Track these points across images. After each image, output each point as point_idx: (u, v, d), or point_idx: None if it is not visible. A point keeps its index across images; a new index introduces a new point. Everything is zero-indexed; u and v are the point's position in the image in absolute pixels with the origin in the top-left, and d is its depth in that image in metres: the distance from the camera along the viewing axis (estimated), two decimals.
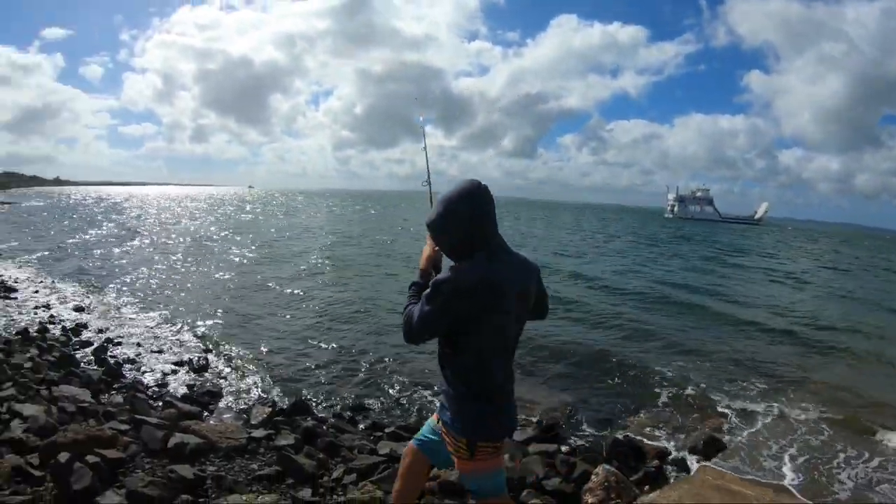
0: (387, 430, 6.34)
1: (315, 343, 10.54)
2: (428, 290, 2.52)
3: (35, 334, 9.52)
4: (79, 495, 3.80)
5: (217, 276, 18.64)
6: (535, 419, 7.02)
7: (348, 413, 7.22)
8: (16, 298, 12.87)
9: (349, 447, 5.59)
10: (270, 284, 17.06)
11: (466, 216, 2.50)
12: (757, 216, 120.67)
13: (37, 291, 14.01)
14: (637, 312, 14.40)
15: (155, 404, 6.78)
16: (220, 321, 11.94)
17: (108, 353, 9.05)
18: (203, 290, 15.73)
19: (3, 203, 63.61)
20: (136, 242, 28.95)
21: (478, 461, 2.70)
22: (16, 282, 15.07)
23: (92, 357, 8.73)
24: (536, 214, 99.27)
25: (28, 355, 7.93)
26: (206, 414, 6.77)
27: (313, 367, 9.19)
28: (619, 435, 6.59)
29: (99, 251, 24.32)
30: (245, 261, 22.57)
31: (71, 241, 28.02)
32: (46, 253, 22.49)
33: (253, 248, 27.32)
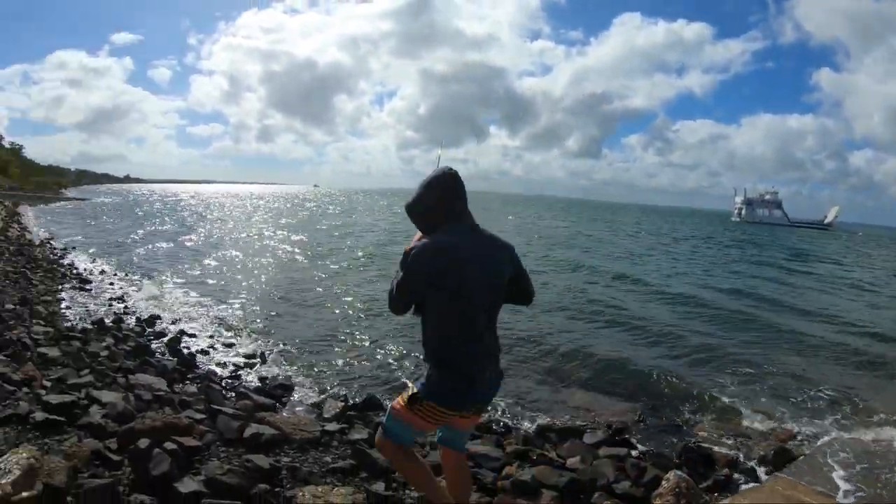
0: None
1: (382, 339, 10.55)
2: (401, 259, 2.90)
3: (110, 324, 9.89)
4: (157, 481, 3.85)
5: (282, 271, 19.13)
6: (602, 422, 7.07)
7: None
8: (90, 290, 13.48)
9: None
10: (333, 280, 17.34)
11: (433, 199, 2.92)
12: (826, 221, 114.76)
13: (111, 283, 14.65)
14: (697, 321, 13.82)
15: (228, 395, 6.94)
16: (289, 315, 12.18)
17: (182, 345, 9.28)
18: (270, 285, 16.14)
19: (76, 199, 66.64)
20: (202, 237, 30.22)
21: (412, 414, 3.00)
22: (90, 274, 15.88)
23: (166, 348, 8.99)
24: (599, 216, 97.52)
25: (104, 344, 8.21)
26: (279, 406, 6.86)
27: (381, 362, 9.21)
28: (689, 441, 6.56)
29: (167, 245, 25.41)
30: (307, 257, 23.05)
31: (140, 234, 29.57)
32: (117, 246, 23.72)
33: (315, 244, 27.98)
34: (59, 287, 13.27)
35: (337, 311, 12.89)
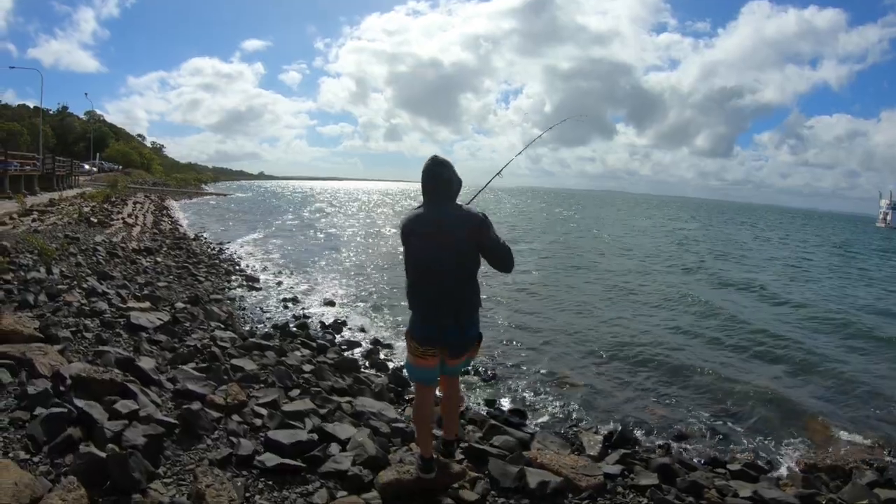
0: (730, 467, 5.84)
1: (611, 357, 9.65)
2: None
3: (295, 329, 9.22)
4: None
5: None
6: (850, 457, 6.61)
7: (682, 445, 6.60)
8: (261, 289, 13.17)
9: (706, 486, 5.05)
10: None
11: (421, 181, 3.82)
12: None
13: (279, 282, 14.37)
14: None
15: (467, 426, 5.87)
16: (491, 324, 11.04)
17: (381, 356, 8.52)
18: None
19: (217, 194, 70.96)
20: (352, 234, 30.85)
21: (408, 352, 3.95)
22: (254, 270, 15.82)
23: (366, 361, 8.18)
24: (742, 218, 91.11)
25: (300, 355, 7.49)
26: (530, 439, 5.80)
27: (620, 384, 8.45)
28: None
29: (319, 240, 26.33)
30: None
31: (288, 228, 31.20)
32: (270, 240, 24.41)
33: None
34: (227, 285, 13.06)
35: (529, 318, 11.97)
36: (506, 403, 7.31)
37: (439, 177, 3.74)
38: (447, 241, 3.66)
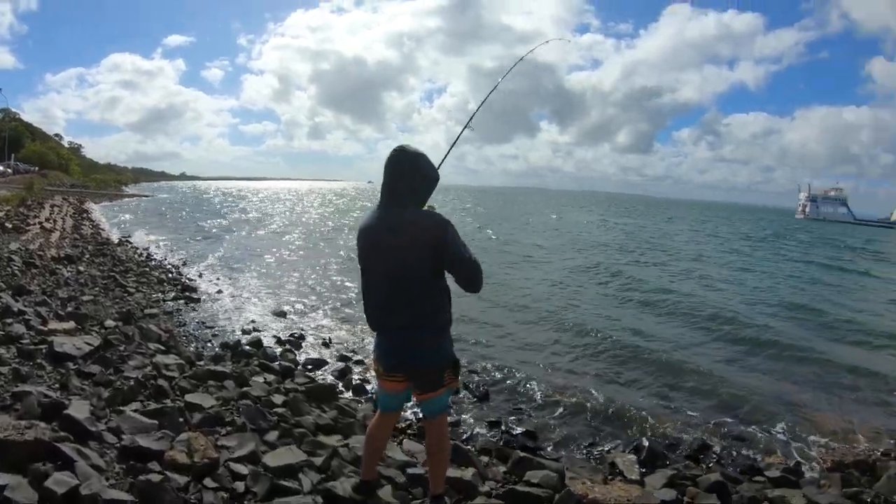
0: (768, 475, 5.63)
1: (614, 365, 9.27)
2: None
3: (249, 349, 8.06)
4: None
5: None
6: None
7: (709, 454, 6.28)
8: (199, 300, 11.79)
9: (760, 499, 4.91)
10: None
11: (384, 175, 3.41)
12: (893, 219, 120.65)
13: (220, 291, 13.01)
14: None
15: (482, 459, 5.13)
16: (466, 336, 10.02)
17: (356, 377, 7.56)
18: None
19: (139, 195, 69.49)
20: (286, 235, 29.99)
21: (374, 368, 3.66)
22: (189, 279, 14.32)
23: (340, 383, 7.19)
24: (672, 214, 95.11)
25: (263, 381, 6.36)
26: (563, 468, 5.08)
27: (603, 393, 7.86)
28: None
29: (257, 243, 25.35)
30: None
31: (218, 230, 30.37)
32: (200, 243, 23.75)
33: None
34: (161, 296, 11.65)
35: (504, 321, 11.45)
36: (512, 424, 6.55)
37: (401, 171, 3.33)
38: (404, 245, 3.26)
